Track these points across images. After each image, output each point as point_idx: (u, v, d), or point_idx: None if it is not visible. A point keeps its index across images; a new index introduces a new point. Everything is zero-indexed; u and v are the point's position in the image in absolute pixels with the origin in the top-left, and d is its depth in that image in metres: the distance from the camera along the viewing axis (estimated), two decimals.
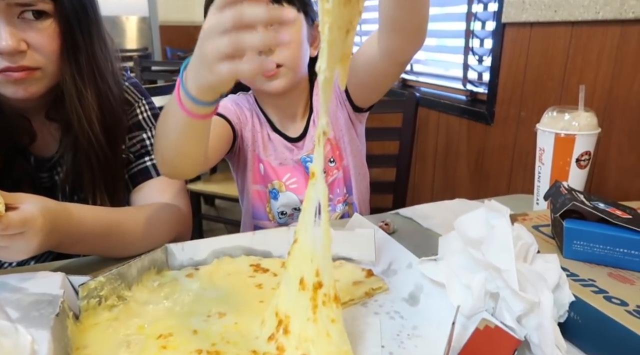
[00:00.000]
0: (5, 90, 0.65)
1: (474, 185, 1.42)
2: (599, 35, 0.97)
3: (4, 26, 0.60)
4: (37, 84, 0.66)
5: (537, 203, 0.87)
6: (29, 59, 0.63)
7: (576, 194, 0.63)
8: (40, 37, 0.64)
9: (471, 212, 0.54)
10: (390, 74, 0.81)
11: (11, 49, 0.60)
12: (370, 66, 0.80)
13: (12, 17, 0.61)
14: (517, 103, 1.21)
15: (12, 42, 0.60)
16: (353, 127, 0.94)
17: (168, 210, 0.75)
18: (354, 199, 0.95)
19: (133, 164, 0.78)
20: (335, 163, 0.91)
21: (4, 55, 0.61)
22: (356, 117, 0.93)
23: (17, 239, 0.50)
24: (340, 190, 0.92)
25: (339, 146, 0.91)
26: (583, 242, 0.58)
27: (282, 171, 0.91)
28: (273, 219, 0.92)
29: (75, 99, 0.69)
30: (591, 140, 0.80)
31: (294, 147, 0.91)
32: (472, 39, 1.42)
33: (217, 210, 2.90)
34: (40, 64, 0.65)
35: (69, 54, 0.67)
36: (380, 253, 0.66)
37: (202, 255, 0.67)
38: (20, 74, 0.63)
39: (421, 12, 0.68)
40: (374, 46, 0.76)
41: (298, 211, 0.91)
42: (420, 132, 1.62)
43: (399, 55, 0.75)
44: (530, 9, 1.12)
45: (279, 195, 0.91)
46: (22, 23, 0.62)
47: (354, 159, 0.94)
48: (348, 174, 0.93)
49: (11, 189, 0.53)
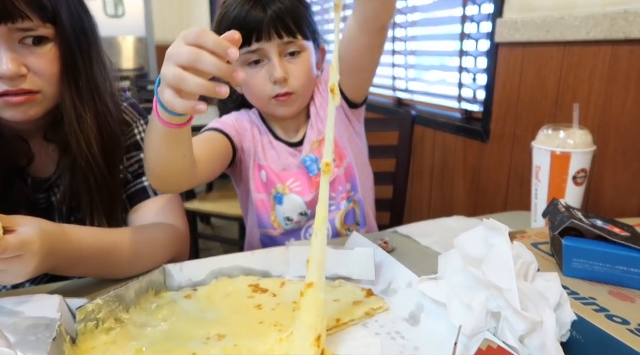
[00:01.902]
0: (5, 114, 0.65)
1: (471, 202, 1.42)
2: (590, 55, 0.99)
3: (5, 51, 0.61)
4: (37, 107, 0.66)
5: (535, 220, 0.87)
6: (29, 82, 0.64)
7: (574, 212, 0.63)
8: (41, 61, 0.64)
9: (470, 231, 0.54)
10: (373, 45, 0.82)
11: (12, 74, 0.61)
12: (352, 45, 0.81)
13: (13, 42, 0.62)
14: (512, 121, 1.23)
15: (13, 67, 0.61)
16: (351, 125, 0.94)
17: (166, 231, 0.75)
18: (360, 197, 0.95)
19: (131, 184, 0.78)
20: (335, 161, 0.92)
21: (4, 80, 0.61)
22: (353, 114, 0.94)
23: (14, 262, 0.49)
24: (342, 187, 0.92)
25: (338, 144, 0.92)
26: (583, 260, 0.58)
27: (285, 176, 0.91)
28: (279, 226, 0.92)
29: (74, 121, 0.69)
30: (587, 158, 0.80)
31: (296, 151, 0.92)
32: (466, 58, 1.44)
33: (214, 228, 2.89)
34: (40, 88, 0.65)
35: (69, 77, 0.68)
36: (380, 272, 0.66)
37: (201, 276, 0.66)
38: (20, 98, 0.63)
39: None
40: (351, 26, 0.79)
41: (304, 216, 0.91)
42: (416, 150, 1.63)
43: (376, 21, 0.77)
44: (523, 30, 1.14)
45: (283, 199, 0.91)
46: (23, 48, 0.63)
47: (356, 157, 0.94)
48: (352, 172, 0.93)
49: (8, 211, 0.52)
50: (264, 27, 0.80)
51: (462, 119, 1.49)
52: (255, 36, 0.81)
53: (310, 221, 0.91)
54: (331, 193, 0.92)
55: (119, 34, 5.29)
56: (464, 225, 0.90)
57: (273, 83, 0.84)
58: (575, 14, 1.00)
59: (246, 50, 0.82)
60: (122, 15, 5.30)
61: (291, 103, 0.87)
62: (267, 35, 0.81)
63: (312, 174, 0.91)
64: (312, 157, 0.91)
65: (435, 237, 0.83)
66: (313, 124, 0.92)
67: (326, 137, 0.52)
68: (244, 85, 0.88)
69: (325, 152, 0.52)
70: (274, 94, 0.85)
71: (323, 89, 0.93)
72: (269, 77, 0.83)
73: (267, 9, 0.80)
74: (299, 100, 0.88)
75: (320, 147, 0.91)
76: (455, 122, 1.48)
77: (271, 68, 0.83)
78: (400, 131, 1.32)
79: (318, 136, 0.91)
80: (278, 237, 0.92)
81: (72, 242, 0.58)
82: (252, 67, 0.84)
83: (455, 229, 0.87)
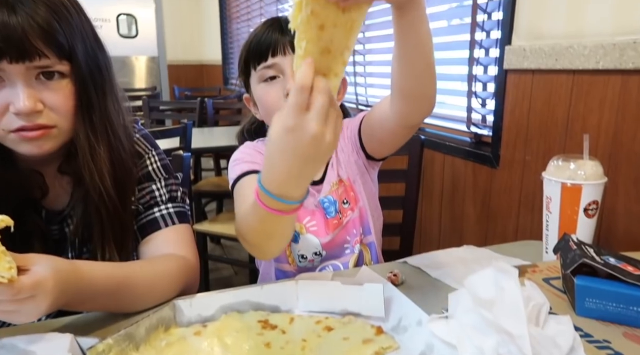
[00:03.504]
0: (21, 148, 0.66)
1: (481, 227, 1.41)
2: (600, 84, 0.99)
3: (22, 88, 0.62)
4: (52, 141, 0.67)
5: (546, 252, 0.86)
6: (44, 117, 0.65)
7: (586, 249, 0.63)
8: (56, 96, 0.65)
9: (480, 272, 0.54)
10: (399, 134, 0.83)
11: (29, 110, 0.62)
12: (382, 124, 0.83)
13: (30, 78, 0.63)
14: (522, 147, 1.22)
15: (30, 103, 0.62)
16: (367, 172, 0.95)
17: (176, 262, 0.75)
18: (373, 239, 0.95)
19: (142, 215, 0.79)
20: (349, 204, 0.92)
21: (21, 116, 0.63)
22: (369, 164, 0.95)
23: (27, 302, 0.50)
24: (356, 230, 0.92)
25: (353, 188, 0.93)
26: (596, 300, 0.57)
27: (302, 214, 0.91)
28: (293, 262, 0.92)
29: (87, 154, 0.70)
30: (598, 190, 0.80)
31: (314, 190, 0.92)
32: (475, 83, 1.45)
33: (223, 248, 2.89)
34: (55, 122, 0.66)
35: (83, 112, 0.69)
36: (390, 308, 0.66)
37: (210, 311, 0.66)
38: (36, 133, 0.64)
39: (426, 83, 0.69)
40: (387, 105, 0.78)
41: (318, 256, 0.91)
42: (425, 174, 1.63)
43: (408, 119, 0.77)
44: (532, 57, 1.14)
45: (299, 237, 0.91)
46: (39, 83, 0.64)
47: (369, 201, 0.95)
48: (365, 215, 0.94)
49: (22, 244, 0.53)
50: (279, 43, 0.82)
51: (471, 143, 1.49)
52: (271, 51, 0.83)
53: (324, 262, 0.91)
54: (345, 236, 0.92)
55: (132, 53, 5.41)
56: (474, 256, 0.89)
57: (285, 96, 0.84)
58: (584, 42, 1.00)
59: (263, 66, 0.84)
60: (135, 35, 5.42)
61: None
62: (282, 50, 0.83)
63: (329, 215, 0.91)
64: (331, 198, 0.91)
65: (445, 269, 0.83)
66: (333, 164, 0.93)
67: None
68: (260, 102, 0.88)
69: None
70: None
71: (347, 135, 0.93)
72: (283, 91, 0.84)
73: (285, 32, 0.83)
74: None
75: (338, 189, 0.91)
76: (464, 146, 1.48)
77: (285, 81, 0.84)
78: (409, 155, 1.32)
79: (337, 178, 0.91)
80: (291, 272, 0.92)
81: (84, 279, 0.59)
82: (268, 83, 0.85)
83: (465, 260, 0.87)
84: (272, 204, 0.57)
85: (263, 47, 0.83)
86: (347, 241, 0.92)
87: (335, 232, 0.91)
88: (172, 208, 0.80)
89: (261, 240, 0.67)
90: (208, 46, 5.31)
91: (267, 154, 0.54)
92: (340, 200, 0.91)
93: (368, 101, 2.10)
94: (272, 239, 0.67)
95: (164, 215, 0.79)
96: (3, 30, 0.59)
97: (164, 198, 0.80)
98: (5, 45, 0.59)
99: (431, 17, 1.69)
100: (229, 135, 2.56)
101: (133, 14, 5.35)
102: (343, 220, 0.91)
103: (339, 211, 0.91)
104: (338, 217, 0.91)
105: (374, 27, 1.98)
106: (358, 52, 2.09)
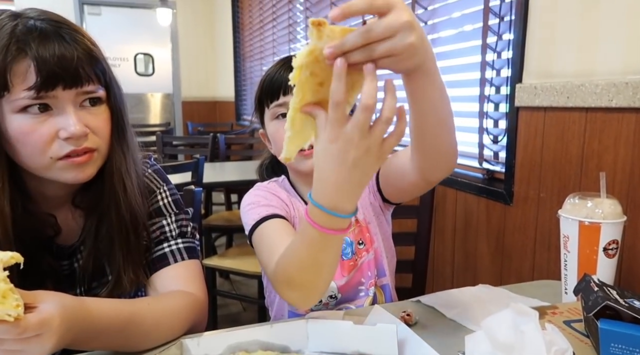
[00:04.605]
0: (67, 175, 0.68)
1: (496, 265, 1.38)
2: (614, 122, 0.98)
3: (73, 113, 0.65)
4: (93, 166, 0.70)
5: (565, 292, 0.83)
6: (90, 141, 0.68)
7: (608, 291, 0.60)
8: (97, 120, 0.69)
9: (498, 313, 0.52)
10: (418, 187, 0.82)
11: (82, 133, 0.65)
12: (402, 175, 0.81)
13: (77, 104, 0.67)
14: (536, 184, 1.21)
15: (80, 127, 0.65)
16: (382, 213, 0.94)
17: (184, 299, 0.74)
18: (388, 281, 0.93)
19: (151, 250, 0.79)
20: (364, 245, 0.91)
21: (71, 140, 0.65)
22: (385, 206, 0.94)
23: (32, 341, 0.49)
24: (371, 273, 0.90)
25: (368, 229, 0.91)
26: (622, 345, 0.54)
27: None
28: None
29: (120, 179, 0.73)
30: (617, 229, 0.78)
31: None
32: (486, 120, 1.45)
33: (232, 283, 2.85)
34: (97, 145, 0.69)
35: (116, 137, 0.73)
36: (404, 350, 0.63)
37: (218, 351, 0.64)
38: (83, 157, 0.67)
39: (443, 141, 0.68)
40: (407, 158, 0.76)
41: (333, 299, 0.89)
42: (438, 210, 1.61)
43: (427, 175, 0.75)
44: (543, 95, 1.14)
45: None
46: (83, 109, 0.68)
47: (384, 242, 0.94)
48: (380, 257, 0.93)
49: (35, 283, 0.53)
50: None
51: (483, 179, 1.47)
52: (282, 90, 0.85)
53: (338, 305, 0.89)
54: (360, 278, 0.90)
55: (148, 91, 5.56)
56: (490, 296, 0.86)
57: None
58: (596, 81, 1.01)
59: (275, 104, 0.86)
60: (152, 73, 5.58)
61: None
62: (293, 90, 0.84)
63: (345, 257, 0.89)
64: (347, 239, 0.90)
65: (461, 309, 0.80)
66: None
67: None
68: (272, 139, 0.89)
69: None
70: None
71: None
72: None
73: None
74: None
75: (354, 230, 0.90)
76: (476, 182, 1.47)
77: None
78: None
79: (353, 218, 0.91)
80: (305, 314, 0.90)
81: (91, 316, 0.58)
82: (279, 120, 0.86)
83: (481, 300, 0.84)
84: (324, 220, 0.56)
85: (275, 86, 0.85)
86: (361, 283, 0.90)
87: (351, 274, 0.89)
88: (181, 243, 0.80)
89: (310, 276, 0.64)
90: (221, 83, 5.45)
91: (316, 169, 0.56)
92: (356, 241, 0.90)
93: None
94: (322, 271, 0.64)
95: (174, 250, 0.79)
96: (60, 59, 0.62)
97: (174, 233, 0.80)
98: (62, 72, 0.63)
99: (441, 56, 1.72)
100: (241, 170, 2.58)
101: (150, 53, 5.54)
102: (358, 262, 0.90)
103: (354, 252, 0.90)
104: (354, 259, 0.90)
105: None
106: None
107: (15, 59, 0.61)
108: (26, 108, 0.63)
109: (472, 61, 1.51)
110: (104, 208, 0.73)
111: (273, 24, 3.67)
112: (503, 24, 1.34)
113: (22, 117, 0.63)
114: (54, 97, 0.64)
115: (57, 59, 0.62)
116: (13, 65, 0.61)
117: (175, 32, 5.51)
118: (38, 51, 0.61)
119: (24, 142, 0.64)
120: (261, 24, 3.96)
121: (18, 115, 0.63)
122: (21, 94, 0.62)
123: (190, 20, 5.53)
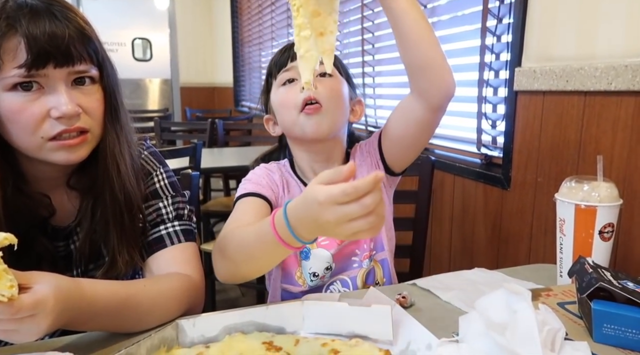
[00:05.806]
0: (57, 156, 0.67)
1: (493, 249, 1.38)
2: (612, 105, 0.97)
3: (65, 92, 0.64)
4: (85, 147, 0.69)
5: (560, 275, 0.84)
6: (82, 121, 0.67)
7: (602, 272, 0.61)
8: (90, 100, 0.68)
9: (491, 294, 0.52)
10: (426, 123, 0.84)
11: (73, 112, 0.64)
12: (406, 118, 0.85)
13: (69, 83, 0.66)
14: (534, 168, 1.21)
15: (73, 106, 0.64)
16: (384, 190, 0.94)
17: (180, 281, 0.74)
18: (386, 256, 0.94)
19: (148, 232, 0.79)
20: None
21: (63, 119, 0.65)
22: (388, 181, 0.94)
23: (27, 321, 0.49)
24: (367, 246, 0.91)
25: None
26: (614, 326, 0.55)
27: None
28: (304, 283, 0.90)
29: (114, 160, 0.72)
30: (613, 212, 0.78)
31: None
32: (485, 105, 1.44)
33: None
34: (90, 126, 0.68)
35: (110, 118, 0.72)
36: (398, 331, 0.64)
37: (214, 332, 0.65)
38: (76, 140, 0.66)
39: (430, 49, 0.75)
40: (404, 102, 0.83)
41: (328, 270, 0.90)
42: (435, 195, 1.61)
43: (429, 98, 0.79)
44: (542, 79, 1.14)
45: (310, 254, 0.89)
46: (75, 89, 0.67)
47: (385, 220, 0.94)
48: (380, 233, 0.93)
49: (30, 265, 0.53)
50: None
51: (481, 164, 1.47)
52: (290, 58, 0.88)
53: (333, 277, 0.90)
54: (355, 250, 0.91)
55: (146, 76, 5.51)
56: (485, 279, 0.87)
57: (301, 91, 0.85)
58: (595, 64, 1.00)
59: (282, 71, 0.89)
60: (150, 59, 5.53)
61: (320, 117, 0.85)
62: None
63: None
64: None
65: (456, 291, 0.80)
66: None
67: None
68: (279, 105, 0.90)
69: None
70: (302, 102, 0.85)
71: (366, 149, 0.94)
72: (299, 89, 0.85)
73: None
74: (327, 116, 0.86)
75: None
76: (474, 167, 1.46)
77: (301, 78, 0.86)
78: (419, 176, 1.30)
79: None
80: (299, 294, 0.91)
81: (86, 297, 0.58)
82: (286, 86, 0.89)
83: (476, 283, 0.84)
84: (284, 233, 0.59)
85: (283, 58, 0.90)
86: (355, 254, 0.91)
87: (344, 242, 0.90)
88: (178, 226, 0.80)
89: (245, 259, 0.69)
90: (220, 69, 5.40)
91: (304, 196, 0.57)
92: None
93: (377, 123, 2.10)
94: (256, 262, 0.69)
95: (170, 233, 0.78)
96: (51, 37, 0.62)
97: (170, 216, 0.80)
98: (53, 50, 0.62)
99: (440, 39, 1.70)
100: (239, 156, 2.57)
101: (148, 39, 5.48)
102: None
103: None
104: None
105: (383, 50, 2.00)
106: (367, 75, 2.10)
107: (5, 36, 0.60)
108: (16, 86, 0.62)
109: (471, 45, 1.50)
110: (98, 189, 0.72)
111: (271, 8, 3.63)
112: (503, 7, 1.32)
113: (13, 96, 0.63)
114: (45, 75, 0.63)
115: (48, 37, 0.61)
116: (3, 41, 0.60)
117: (173, 16, 5.44)
118: (29, 28, 0.60)
119: (15, 120, 0.63)
120: (260, 9, 3.92)
121: (9, 94, 0.63)
122: (11, 71, 0.61)
123: (189, 4, 5.46)
